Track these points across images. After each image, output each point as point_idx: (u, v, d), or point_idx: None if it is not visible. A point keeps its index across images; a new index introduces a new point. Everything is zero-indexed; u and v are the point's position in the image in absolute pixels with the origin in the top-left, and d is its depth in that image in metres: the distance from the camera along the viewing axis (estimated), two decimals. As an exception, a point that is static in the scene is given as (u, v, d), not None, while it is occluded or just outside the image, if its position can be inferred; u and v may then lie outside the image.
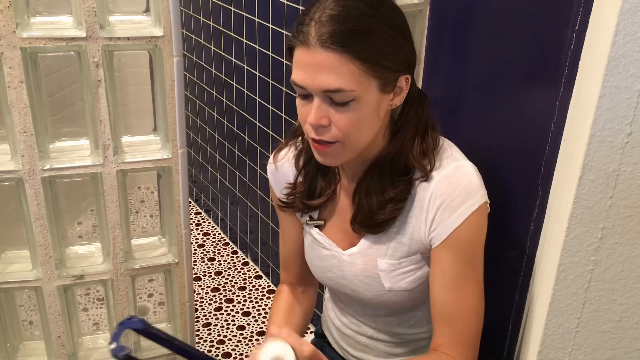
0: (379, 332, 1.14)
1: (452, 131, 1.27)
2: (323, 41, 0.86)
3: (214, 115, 2.65)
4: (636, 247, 0.88)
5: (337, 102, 0.89)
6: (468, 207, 0.94)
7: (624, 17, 0.75)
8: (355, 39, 0.86)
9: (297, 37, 0.89)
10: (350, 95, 0.88)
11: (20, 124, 1.09)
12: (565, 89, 0.99)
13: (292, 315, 1.18)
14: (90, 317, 2.09)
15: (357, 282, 1.06)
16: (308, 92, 0.90)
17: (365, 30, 0.87)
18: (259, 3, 2.10)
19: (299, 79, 0.89)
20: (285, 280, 1.24)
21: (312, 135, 0.92)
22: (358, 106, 0.89)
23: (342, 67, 0.86)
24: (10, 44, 1.03)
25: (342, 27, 0.86)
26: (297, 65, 0.90)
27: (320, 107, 0.89)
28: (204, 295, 2.42)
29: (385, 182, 0.98)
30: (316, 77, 0.87)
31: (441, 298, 0.98)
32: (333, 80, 0.87)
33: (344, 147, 0.93)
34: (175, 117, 1.17)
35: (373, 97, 0.91)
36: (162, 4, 1.08)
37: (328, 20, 0.86)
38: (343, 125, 0.90)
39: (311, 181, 1.06)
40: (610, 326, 0.93)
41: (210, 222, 2.92)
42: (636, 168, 0.83)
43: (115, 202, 1.20)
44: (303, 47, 0.88)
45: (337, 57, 0.86)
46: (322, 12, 0.87)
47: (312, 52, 0.87)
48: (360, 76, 0.88)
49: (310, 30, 0.87)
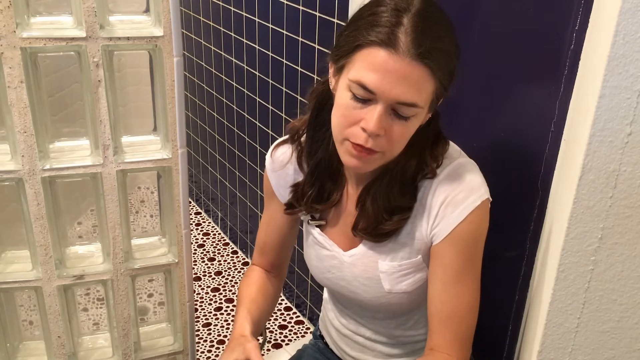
0: (377, 334, 1.14)
1: (452, 131, 1.27)
2: (417, 53, 0.82)
3: (214, 115, 2.65)
4: (636, 247, 0.88)
5: (401, 115, 0.87)
6: (471, 203, 0.94)
7: (624, 17, 0.75)
8: (445, 62, 0.85)
9: (378, 37, 0.83)
10: (417, 110, 0.87)
11: (20, 124, 1.09)
12: (565, 89, 0.99)
13: (262, 298, 1.17)
14: (90, 317, 2.09)
15: (357, 284, 1.06)
16: (372, 97, 0.85)
17: (448, 50, 0.86)
18: (259, 3, 2.10)
19: (372, 83, 0.84)
20: (258, 263, 1.23)
21: (359, 141, 0.88)
22: (415, 122, 0.89)
23: (424, 83, 0.85)
24: (10, 44, 1.03)
25: (434, 44, 0.83)
26: (373, 67, 0.84)
27: (383, 117, 0.86)
28: (204, 295, 2.42)
29: (394, 189, 0.98)
30: (396, 87, 0.83)
31: (441, 295, 0.97)
32: (412, 95, 0.84)
33: (383, 157, 0.91)
34: (175, 117, 1.17)
35: (425, 115, 0.91)
36: (162, 4, 1.08)
37: (422, 31, 0.82)
38: (396, 138, 0.88)
39: (321, 185, 1.05)
40: (610, 326, 0.93)
41: (210, 222, 2.92)
42: (636, 168, 0.83)
43: (115, 202, 1.20)
44: (388, 50, 0.82)
45: (424, 73, 0.84)
46: (413, 20, 0.83)
47: (401, 59, 0.82)
48: (431, 94, 0.87)
49: (399, 36, 0.82)
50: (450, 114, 1.29)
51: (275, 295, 1.23)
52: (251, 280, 1.20)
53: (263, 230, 1.21)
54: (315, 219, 1.09)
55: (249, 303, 1.13)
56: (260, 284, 1.19)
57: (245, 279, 1.21)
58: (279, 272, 1.24)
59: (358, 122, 0.87)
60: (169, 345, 1.38)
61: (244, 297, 1.16)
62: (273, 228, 1.19)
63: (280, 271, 1.24)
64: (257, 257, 1.24)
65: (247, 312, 1.09)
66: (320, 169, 1.03)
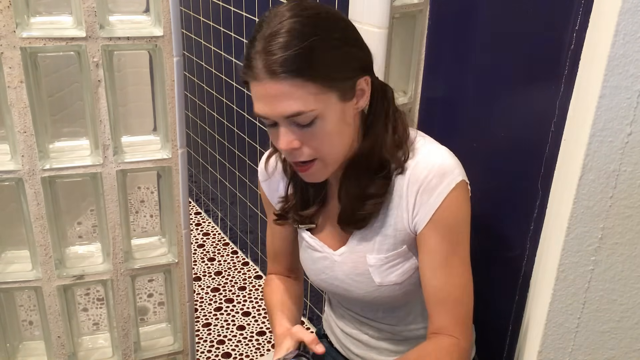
0: (380, 331, 1.15)
1: (452, 131, 1.27)
2: (271, 72, 0.86)
3: (214, 115, 2.65)
4: (636, 247, 0.88)
5: (302, 124, 0.90)
6: (445, 187, 0.95)
7: (624, 17, 0.75)
8: (302, 62, 0.86)
9: (247, 73, 0.90)
10: (312, 115, 0.89)
11: (20, 124, 1.09)
12: (565, 89, 0.99)
13: (289, 300, 1.20)
14: (90, 317, 2.09)
15: (349, 281, 1.08)
16: (272, 121, 0.91)
17: (309, 51, 0.87)
18: (259, 3, 2.10)
19: (260, 111, 0.91)
20: (275, 271, 1.26)
21: (290, 159, 0.95)
22: (323, 122, 0.91)
23: (296, 91, 0.87)
24: (10, 44, 1.03)
25: (285, 54, 0.86)
26: (255, 98, 0.91)
27: (287, 133, 0.91)
28: (204, 295, 2.42)
29: (364, 179, 1.00)
30: (275, 107, 0.88)
31: (432, 281, 0.99)
32: (290, 106, 0.88)
33: (324, 163, 0.95)
34: (175, 117, 1.17)
35: (336, 109, 0.92)
36: (162, 4, 1.08)
37: (270, 49, 0.86)
38: (315, 144, 0.92)
39: (302, 191, 1.08)
40: (610, 326, 0.93)
41: (210, 222, 2.92)
42: (636, 168, 0.83)
43: (115, 202, 1.20)
44: (254, 81, 0.89)
45: (288, 84, 0.87)
46: (264, 42, 0.87)
47: (263, 84, 0.88)
48: (316, 95, 0.88)
49: (257, 64, 0.87)
50: (450, 114, 1.29)
51: (299, 295, 1.26)
52: (273, 289, 1.22)
53: (270, 240, 1.24)
54: (305, 223, 1.11)
55: (280, 306, 1.17)
56: (283, 289, 1.22)
57: (267, 289, 1.24)
58: (296, 274, 1.27)
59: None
60: (168, 345, 1.38)
61: (272, 303, 1.19)
62: (278, 237, 1.21)
63: (298, 273, 1.27)
64: (271, 266, 1.26)
65: (281, 313, 1.13)
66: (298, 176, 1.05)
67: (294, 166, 0.97)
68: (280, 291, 1.21)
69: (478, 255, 1.16)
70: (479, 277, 1.02)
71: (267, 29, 0.88)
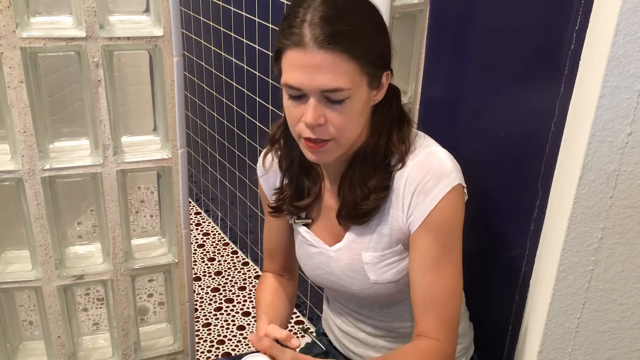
0: (377, 329, 1.16)
1: (452, 131, 1.27)
2: (320, 41, 0.87)
3: (214, 115, 2.65)
4: (636, 247, 0.88)
5: (334, 101, 0.90)
6: (441, 190, 0.96)
7: (624, 17, 0.75)
8: (350, 37, 0.88)
9: (291, 40, 0.89)
10: (346, 93, 0.90)
11: (20, 124, 1.09)
12: (565, 89, 0.99)
13: (278, 301, 1.20)
14: (90, 317, 2.09)
15: (345, 277, 1.08)
16: (302, 93, 0.91)
17: (358, 29, 0.89)
18: (259, 3, 2.10)
19: (295, 81, 0.90)
20: (270, 269, 1.26)
21: (307, 135, 0.93)
22: (352, 103, 0.92)
23: (339, 66, 0.88)
24: (10, 44, 1.03)
25: (337, 27, 0.87)
26: (292, 67, 0.90)
27: (317, 107, 0.91)
28: (204, 295, 2.42)
29: (368, 172, 1.01)
30: (315, 78, 0.88)
31: (421, 282, 0.99)
32: (331, 80, 0.88)
33: (337, 144, 0.95)
34: (175, 117, 1.17)
35: (364, 94, 0.93)
36: (162, 4, 1.08)
37: (321, 20, 0.87)
38: (339, 123, 0.92)
39: (297, 182, 1.09)
40: (610, 326, 0.94)
41: (210, 222, 2.92)
42: (636, 168, 0.83)
43: (115, 202, 1.20)
44: (298, 48, 0.88)
45: (335, 57, 0.87)
46: (313, 13, 0.88)
47: (308, 53, 0.87)
48: (355, 74, 0.90)
49: (304, 32, 0.87)
50: (450, 114, 1.29)
51: (291, 296, 1.26)
52: (265, 287, 1.23)
53: (266, 237, 1.24)
54: (300, 216, 1.12)
55: (266, 308, 1.17)
56: (275, 288, 1.22)
57: (259, 287, 1.24)
58: (291, 274, 1.27)
59: (301, 118, 0.93)
60: (168, 345, 1.38)
61: (260, 303, 1.19)
62: (275, 233, 1.22)
63: (292, 272, 1.27)
64: (267, 264, 1.27)
65: (265, 316, 1.13)
66: (295, 166, 1.07)
67: (304, 143, 0.95)
68: (270, 291, 1.21)
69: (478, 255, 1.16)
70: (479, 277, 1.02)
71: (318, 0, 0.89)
